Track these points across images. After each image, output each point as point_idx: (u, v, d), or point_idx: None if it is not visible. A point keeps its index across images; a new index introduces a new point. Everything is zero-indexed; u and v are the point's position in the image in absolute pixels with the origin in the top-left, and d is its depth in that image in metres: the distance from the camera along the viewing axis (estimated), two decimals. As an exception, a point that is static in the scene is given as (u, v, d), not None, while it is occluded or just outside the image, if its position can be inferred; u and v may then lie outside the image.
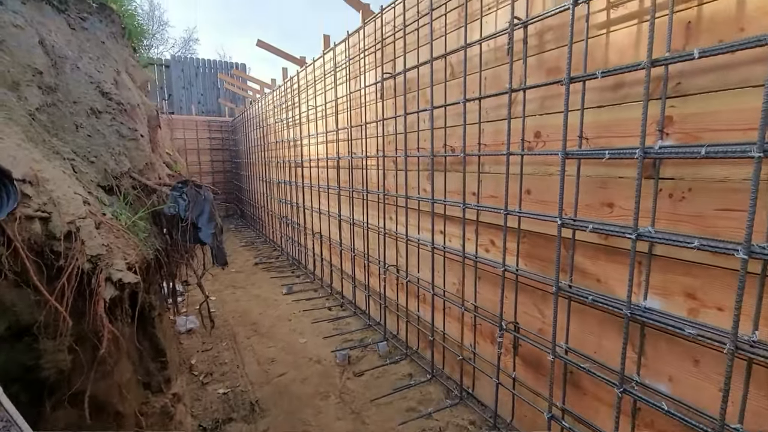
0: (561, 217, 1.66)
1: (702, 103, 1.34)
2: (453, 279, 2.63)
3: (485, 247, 2.34)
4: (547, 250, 1.95)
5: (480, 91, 2.20)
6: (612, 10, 1.59)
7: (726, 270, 1.32)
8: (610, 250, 1.67)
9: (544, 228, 1.95)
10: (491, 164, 2.24)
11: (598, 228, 1.53)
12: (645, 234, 1.39)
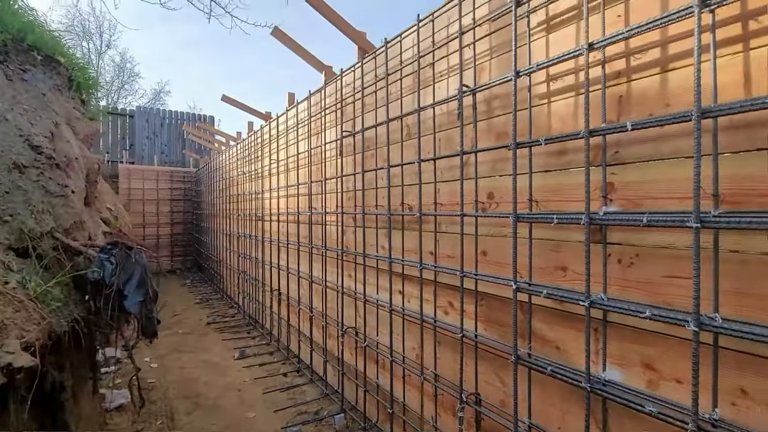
0: (516, 280, 1.61)
1: (640, 171, 1.38)
2: (412, 343, 2.49)
3: (444, 309, 2.24)
4: (506, 314, 1.87)
5: (434, 151, 2.23)
6: (551, 82, 1.67)
7: (680, 339, 1.28)
8: (566, 316, 1.62)
9: (501, 291, 1.89)
10: (448, 224, 2.22)
11: (552, 293, 1.48)
12: (598, 301, 1.34)
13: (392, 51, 2.63)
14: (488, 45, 1.97)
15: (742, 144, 1.15)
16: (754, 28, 1.13)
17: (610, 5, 1.46)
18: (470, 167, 2.05)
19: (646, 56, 1.36)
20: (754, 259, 1.13)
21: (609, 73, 1.46)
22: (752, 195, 1.13)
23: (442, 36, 2.27)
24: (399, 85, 2.53)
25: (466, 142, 2.07)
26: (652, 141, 1.35)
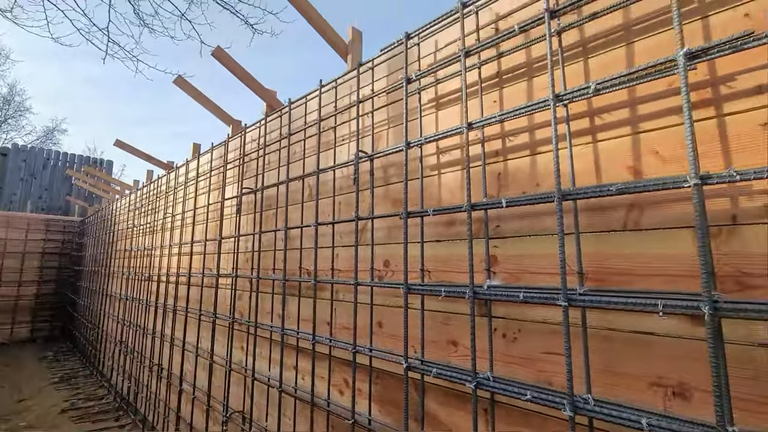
0: (407, 357, 1.49)
1: (519, 245, 1.42)
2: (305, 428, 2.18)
3: (339, 388, 2.02)
4: (401, 393, 1.73)
5: (333, 215, 2.15)
6: (441, 155, 1.73)
7: (560, 421, 1.24)
8: (459, 395, 1.52)
9: (395, 368, 1.75)
10: (345, 292, 2.08)
11: (442, 373, 1.39)
12: (484, 382, 1.28)
13: (298, 111, 2.60)
14: (386, 115, 2.03)
15: (599, 225, 1.23)
16: (598, 124, 1.27)
17: (488, 91, 1.58)
18: (368, 233, 1.99)
19: (518, 139, 1.47)
20: (618, 336, 1.16)
21: (489, 152, 1.54)
22: (611, 273, 1.19)
23: (345, 102, 2.31)
24: (302, 146, 2.48)
25: (365, 208, 2.03)
26: (527, 217, 1.41)
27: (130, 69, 6.31)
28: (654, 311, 0.95)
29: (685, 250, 1.07)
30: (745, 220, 0.99)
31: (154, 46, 22.09)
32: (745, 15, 1.04)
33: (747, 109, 1.01)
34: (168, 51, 5.91)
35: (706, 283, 0.89)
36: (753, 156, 0.99)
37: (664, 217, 1.11)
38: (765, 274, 0.95)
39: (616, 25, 1.26)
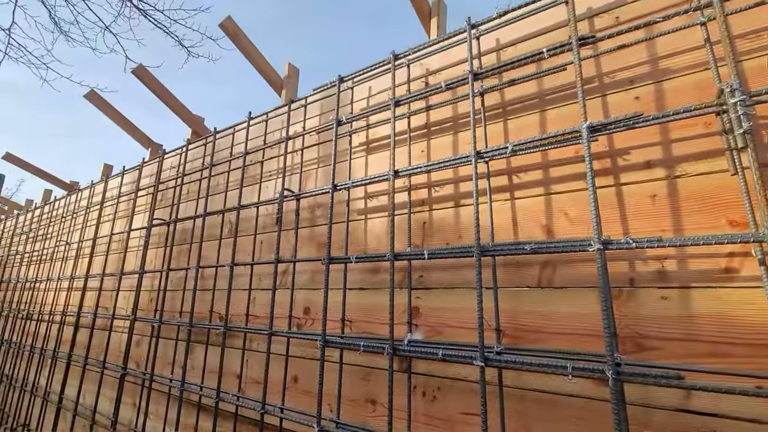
0: (320, 420, 1.35)
1: (442, 297, 1.39)
2: (200, 505, 1.87)
3: (244, 453, 1.78)
4: (312, 460, 1.55)
5: (253, 255, 1.98)
6: (369, 200, 1.70)
7: (478, 489, 1.18)
8: (374, 461, 1.40)
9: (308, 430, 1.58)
10: (260, 341, 1.89)
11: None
12: (400, 449, 1.18)
13: (225, 142, 2.46)
14: (316, 154, 1.97)
15: (516, 281, 1.25)
16: (516, 182, 1.32)
17: (416, 140, 1.61)
18: (289, 277, 1.85)
19: (444, 190, 1.49)
20: (532, 396, 1.15)
21: (415, 200, 1.54)
22: (526, 330, 1.20)
23: (275, 137, 2.22)
24: (226, 178, 2.31)
25: (288, 249, 1.90)
26: (450, 269, 1.40)
27: (37, 76, 5.64)
28: (564, 374, 0.95)
29: (592, 309, 1.11)
30: (641, 284, 1.05)
31: (76, 56, 20.05)
32: (636, 98, 1.16)
33: (639, 180, 1.11)
34: (97, 64, 5.32)
35: (609, 347, 0.91)
36: (645, 224, 1.08)
37: (573, 276, 1.15)
38: (658, 336, 1.01)
39: (531, 93, 1.36)
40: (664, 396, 0.97)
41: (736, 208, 0.97)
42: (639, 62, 1.18)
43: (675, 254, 1.02)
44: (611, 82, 1.21)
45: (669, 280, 1.02)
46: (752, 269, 0.93)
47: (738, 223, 0.96)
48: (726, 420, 0.90)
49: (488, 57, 1.50)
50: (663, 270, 1.03)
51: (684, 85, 1.09)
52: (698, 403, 0.93)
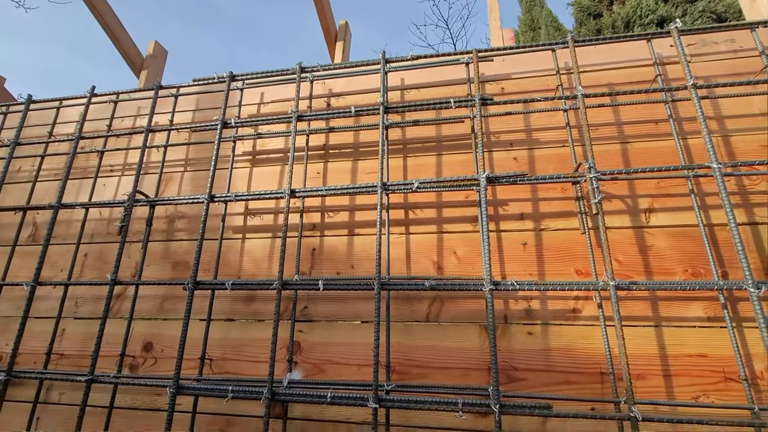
0: (159, 494, 1.04)
1: (326, 331, 1.29)
2: None
3: None
4: None
5: (71, 272, 1.49)
6: (249, 217, 1.49)
7: None
8: None
9: (134, 505, 1.22)
10: (68, 390, 1.40)
11: None
12: None
13: (43, 117, 1.85)
14: (184, 155, 1.66)
15: (406, 315, 1.26)
16: (412, 217, 1.36)
17: (313, 161, 1.51)
18: (127, 302, 1.46)
19: (338, 216, 1.42)
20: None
21: (306, 224, 1.43)
22: (413, 365, 1.20)
23: (127, 124, 1.79)
24: (36, 164, 1.72)
25: (129, 267, 1.51)
26: (338, 300, 1.32)
27: None
28: (455, 410, 0.98)
29: (474, 344, 1.19)
30: (513, 320, 1.19)
31: None
32: (514, 158, 1.36)
33: (514, 229, 1.29)
34: None
35: (495, 382, 0.98)
36: (517, 267, 1.24)
37: (458, 312, 1.23)
38: (525, 368, 1.14)
39: (431, 136, 1.45)
40: (525, 424, 1.09)
41: (582, 260, 1.20)
42: (518, 129, 1.39)
43: (538, 295, 1.20)
44: (496, 141, 1.39)
45: (534, 318, 1.18)
46: (592, 310, 1.16)
47: (582, 272, 1.20)
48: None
49: (393, 93, 1.55)
50: (529, 308, 1.19)
51: (550, 155, 1.33)
52: (552, 426, 1.08)
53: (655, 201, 1.22)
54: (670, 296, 1.13)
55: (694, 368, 1.06)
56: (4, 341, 1.51)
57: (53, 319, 1.44)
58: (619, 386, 1.06)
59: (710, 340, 1.07)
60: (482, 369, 1.16)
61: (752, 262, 1.11)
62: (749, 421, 0.87)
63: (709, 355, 1.06)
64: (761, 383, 1.02)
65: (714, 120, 1.27)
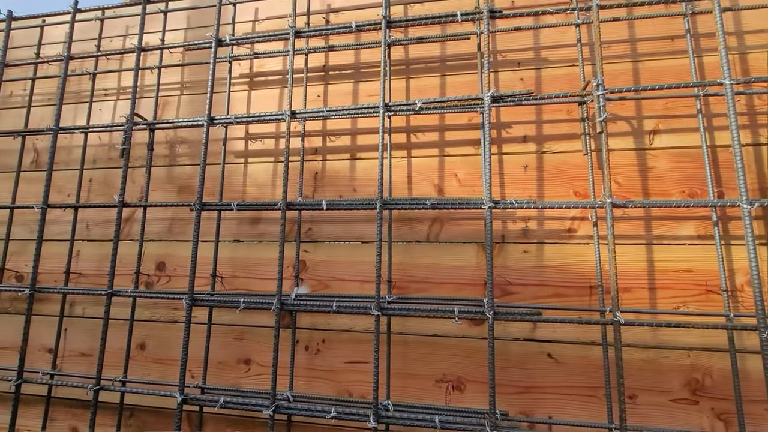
0: (183, 389, 1.17)
1: (331, 251, 1.35)
2: None
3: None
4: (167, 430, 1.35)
5: (79, 196, 1.52)
6: (250, 142, 1.49)
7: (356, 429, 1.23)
8: (248, 422, 1.31)
9: (160, 401, 1.36)
10: (90, 304, 1.49)
11: (231, 402, 1.15)
12: (283, 405, 1.12)
13: (28, 37, 1.76)
14: (179, 77, 1.60)
15: (407, 236, 1.30)
16: (414, 141, 1.36)
17: (313, 83, 1.47)
18: (136, 225, 1.50)
19: (340, 141, 1.41)
20: (413, 340, 1.24)
21: (308, 148, 1.42)
22: (412, 281, 1.28)
23: (117, 45, 1.71)
24: (28, 88, 1.67)
25: (134, 192, 1.53)
26: (341, 222, 1.36)
27: None
28: (451, 317, 1.05)
29: (471, 261, 1.25)
30: (510, 240, 1.24)
31: None
32: (521, 79, 1.32)
33: (516, 152, 1.28)
34: None
35: (490, 292, 1.04)
36: (517, 189, 1.26)
37: (457, 232, 1.27)
38: (518, 283, 1.21)
39: (435, 55, 1.39)
40: (516, 330, 1.19)
41: (581, 182, 1.22)
42: (526, 47, 1.33)
43: (536, 216, 1.23)
44: (503, 60, 1.34)
45: (530, 237, 1.23)
46: (586, 230, 1.19)
47: (581, 194, 1.22)
48: (557, 344, 1.16)
49: (396, 8, 1.45)
50: (526, 228, 1.23)
51: (558, 76, 1.29)
52: (540, 333, 1.18)
53: (661, 122, 1.21)
54: (664, 216, 1.16)
55: (678, 282, 1.12)
56: (24, 262, 1.58)
57: (67, 242, 1.50)
58: (606, 298, 1.13)
59: (697, 257, 1.12)
60: (478, 284, 1.23)
61: (750, 183, 1.12)
62: (723, 324, 0.94)
63: (694, 270, 1.12)
64: (740, 295, 1.09)
65: (733, 35, 1.21)
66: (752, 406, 1.03)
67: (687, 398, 1.07)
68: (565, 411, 1.13)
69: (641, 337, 1.12)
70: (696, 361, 1.08)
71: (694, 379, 1.08)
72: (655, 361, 1.10)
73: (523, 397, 1.16)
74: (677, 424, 1.06)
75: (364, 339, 1.27)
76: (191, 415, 1.33)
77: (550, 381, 1.15)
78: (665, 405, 1.08)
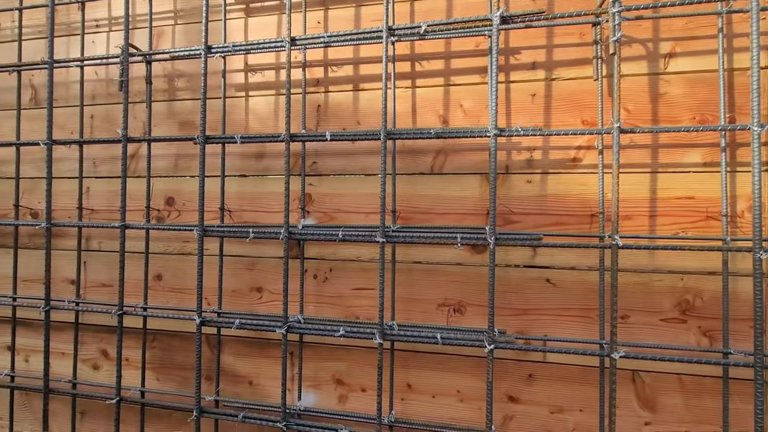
0: (201, 312, 1.24)
1: (335, 184, 1.37)
2: (30, 425, 1.60)
3: (93, 362, 1.55)
4: (188, 355, 1.46)
5: (82, 132, 1.51)
6: (250, 74, 1.45)
7: (365, 349, 1.32)
8: (262, 344, 1.41)
9: (181, 325, 1.46)
10: (104, 239, 1.55)
11: (246, 323, 1.23)
12: (295, 325, 1.20)
13: (6, -38, 1.66)
14: (172, 5, 1.53)
15: (411, 167, 1.31)
16: (418, 70, 1.31)
17: (312, 9, 1.39)
18: (142, 161, 1.51)
19: (342, 71, 1.37)
20: (417, 267, 1.30)
21: (309, 80, 1.38)
22: (416, 212, 1.30)
23: (101, -29, 1.60)
24: (15, 19, 1.60)
25: (137, 127, 1.52)
26: (345, 155, 1.36)
27: None
28: (454, 243, 1.09)
29: (474, 192, 1.26)
30: (513, 170, 1.24)
31: None
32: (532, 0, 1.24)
33: (524, 80, 1.24)
34: None
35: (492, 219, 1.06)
36: (524, 118, 1.24)
37: (461, 164, 1.27)
38: (520, 212, 1.23)
39: (441, -26, 1.30)
40: (517, 257, 1.23)
41: (590, 110, 1.19)
42: (540, -37, 1.24)
43: (541, 145, 1.22)
44: (514, -21, 1.25)
45: (534, 167, 1.23)
46: (591, 159, 1.19)
47: (588, 122, 1.19)
48: (556, 270, 1.20)
49: None
50: (531, 159, 1.23)
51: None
52: (539, 260, 1.22)
53: (678, 45, 1.15)
54: (671, 143, 1.14)
55: (679, 209, 1.13)
56: (36, 200, 1.62)
57: (76, 179, 1.52)
58: (607, 226, 1.15)
59: (701, 184, 1.12)
60: (480, 215, 1.25)
61: (764, 108, 1.09)
62: (719, 246, 0.97)
63: (696, 197, 1.13)
64: (740, 221, 1.10)
65: (766, -56, 1.11)
66: (738, 323, 1.09)
67: (676, 317, 1.13)
68: (561, 331, 1.20)
69: (638, 261, 1.15)
70: (689, 284, 1.13)
71: (685, 300, 1.13)
72: (649, 285, 1.15)
73: (521, 318, 1.22)
74: (665, 340, 1.13)
75: (370, 267, 1.32)
76: (210, 338, 1.43)
77: (546, 304, 1.21)
78: (655, 324, 1.14)
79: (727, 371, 1.07)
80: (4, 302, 1.49)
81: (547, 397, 1.21)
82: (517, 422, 1.23)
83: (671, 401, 1.13)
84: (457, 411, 1.26)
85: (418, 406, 1.29)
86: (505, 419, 1.23)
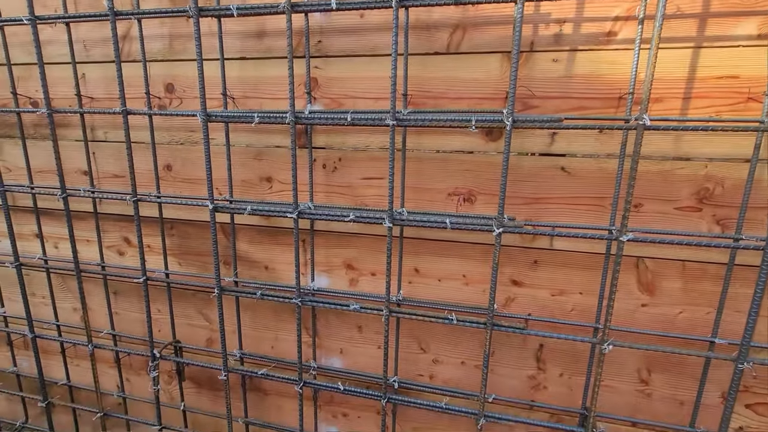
0: (213, 199, 1.26)
1: (343, 66, 1.27)
2: (71, 303, 1.76)
3: (117, 248, 1.63)
4: (204, 242, 1.53)
5: (65, 8, 1.39)
6: (243, -67, 1.26)
7: (374, 236, 1.36)
8: (274, 232, 1.45)
9: (195, 214, 1.50)
10: (110, 128, 1.52)
11: (258, 209, 1.25)
12: (306, 211, 1.22)
13: None
14: None
15: (425, 47, 1.19)
16: None
17: None
18: (136, 43, 1.41)
19: (348, -74, 1.18)
20: (427, 156, 1.26)
21: (310, -62, 1.20)
22: (429, 96, 1.22)
23: None
24: None
25: (125, 2, 1.39)
26: (353, 33, 1.24)
27: None
28: (468, 125, 1.03)
29: (492, 74, 1.16)
30: (539, 48, 1.12)
31: None
32: None
33: (561, -67, 1.06)
34: None
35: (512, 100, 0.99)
36: (556, -15, 1.08)
37: (480, 41, 1.15)
38: (541, 96, 1.15)
39: None
40: (533, 144, 1.18)
41: (635, -30, 1.02)
42: None
43: (573, 17, 1.08)
44: None
45: (562, 44, 1.11)
46: (628, 33, 1.06)
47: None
48: (573, 158, 1.16)
49: None
50: (560, 33, 1.10)
51: None
52: (556, 147, 1.17)
53: None
54: (724, 11, 1.00)
55: (717, 90, 1.04)
56: (33, 88, 1.56)
57: (70, 65, 1.43)
58: (634, 110, 1.07)
59: (748, 60, 1.01)
60: (498, 98, 1.17)
61: None
62: (755, 126, 0.90)
63: (740, 76, 1.02)
64: (782, 103, 1.01)
65: None
66: (755, 212, 1.07)
67: (692, 206, 1.11)
68: (571, 219, 1.19)
69: (661, 148, 1.10)
70: (712, 171, 1.08)
71: (705, 188, 1.09)
72: (670, 173, 1.10)
73: (532, 206, 1.22)
74: (676, 228, 1.13)
75: (380, 157, 1.29)
76: (224, 226, 1.48)
77: (559, 192, 1.19)
78: (668, 212, 1.13)
79: (733, 256, 1.08)
80: (24, 191, 1.52)
81: (550, 282, 1.25)
82: (518, 303, 1.30)
83: (670, 285, 1.17)
84: (463, 293, 1.33)
85: (425, 288, 1.36)
86: (507, 300, 1.30)
